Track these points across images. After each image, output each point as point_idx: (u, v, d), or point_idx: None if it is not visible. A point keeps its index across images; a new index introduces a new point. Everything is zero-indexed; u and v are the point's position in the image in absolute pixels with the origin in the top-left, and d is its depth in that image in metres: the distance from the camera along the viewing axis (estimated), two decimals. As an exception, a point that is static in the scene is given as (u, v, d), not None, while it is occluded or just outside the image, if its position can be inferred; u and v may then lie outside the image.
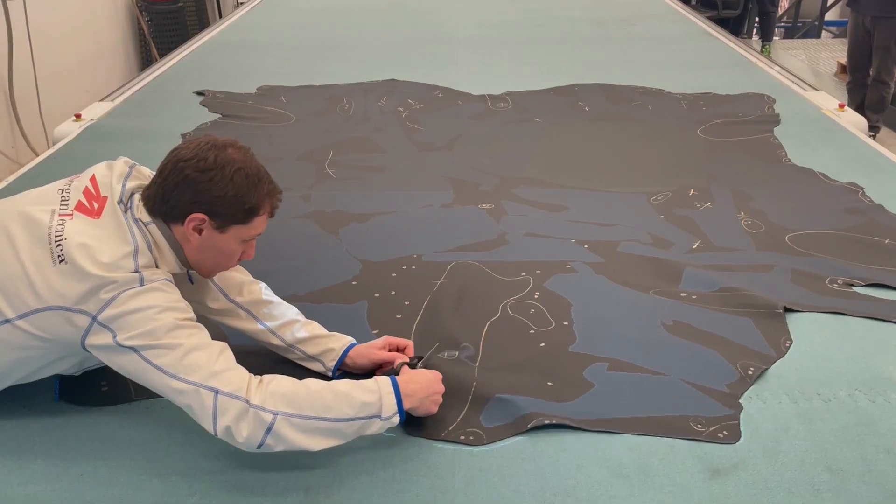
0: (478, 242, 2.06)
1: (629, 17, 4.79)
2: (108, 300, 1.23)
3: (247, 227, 1.35)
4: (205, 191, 1.29)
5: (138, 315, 1.23)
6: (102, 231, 1.28)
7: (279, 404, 1.22)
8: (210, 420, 1.21)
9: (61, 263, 1.24)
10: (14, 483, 1.28)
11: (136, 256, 1.27)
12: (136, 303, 1.23)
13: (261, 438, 1.21)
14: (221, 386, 1.22)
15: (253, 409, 1.21)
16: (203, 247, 1.34)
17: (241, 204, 1.31)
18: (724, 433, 1.36)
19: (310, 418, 1.23)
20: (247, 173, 1.31)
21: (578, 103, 3.18)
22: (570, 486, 1.27)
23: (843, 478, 1.28)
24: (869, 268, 1.91)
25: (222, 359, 1.26)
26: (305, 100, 3.26)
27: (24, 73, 4.77)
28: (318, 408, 1.24)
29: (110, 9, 6.20)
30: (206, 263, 1.39)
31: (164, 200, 1.30)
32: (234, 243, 1.36)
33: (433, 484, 1.27)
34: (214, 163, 1.29)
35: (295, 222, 2.18)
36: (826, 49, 7.86)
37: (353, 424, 1.26)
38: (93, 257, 1.24)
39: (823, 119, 2.99)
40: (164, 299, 1.26)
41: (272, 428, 1.21)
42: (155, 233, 1.32)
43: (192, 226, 1.31)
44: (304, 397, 1.24)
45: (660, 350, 1.59)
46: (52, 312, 1.24)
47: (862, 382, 1.51)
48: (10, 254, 1.27)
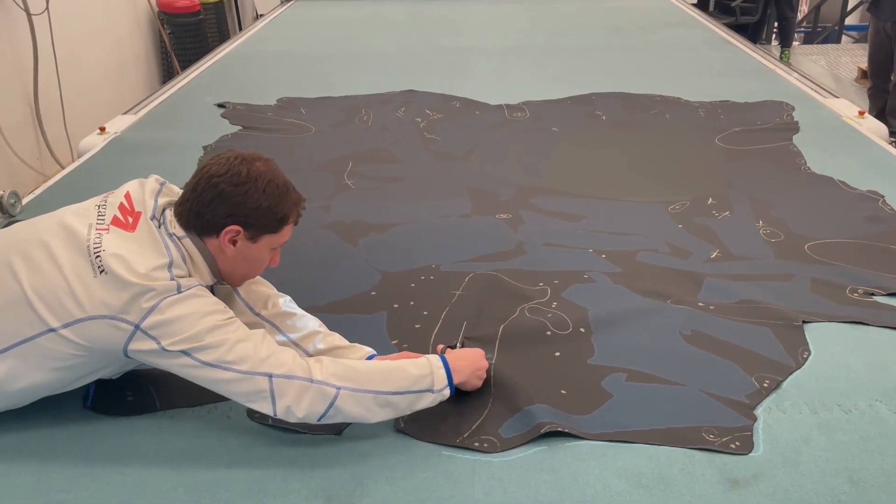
0: (496, 252, 2.08)
1: (646, 25, 4.79)
2: (150, 308, 1.28)
3: (277, 236, 1.42)
4: (240, 204, 1.35)
5: (181, 322, 1.28)
6: (138, 244, 1.33)
7: (341, 380, 1.31)
8: (269, 403, 1.29)
9: (102, 274, 1.29)
10: (43, 491, 1.31)
11: (170, 268, 1.32)
12: (178, 310, 1.29)
13: (323, 411, 1.30)
14: (273, 370, 1.30)
15: (316, 384, 1.30)
16: (237, 257, 1.40)
17: (274, 214, 1.38)
18: (736, 444, 1.36)
19: (369, 392, 1.32)
20: (276, 185, 1.38)
21: (595, 112, 3.19)
22: (588, 497, 1.27)
23: (864, 488, 1.28)
24: (890, 277, 1.90)
25: (265, 345, 1.32)
26: (324, 111, 3.30)
27: (49, 87, 4.86)
28: (376, 382, 1.33)
29: (132, 21, 6.30)
30: (237, 273, 1.45)
31: (199, 215, 1.36)
32: (265, 252, 1.43)
33: (452, 493, 1.29)
34: (247, 176, 1.35)
35: (315, 233, 2.20)
36: (846, 54, 7.80)
37: (407, 397, 1.35)
38: (130, 268, 1.29)
39: (843, 126, 2.98)
40: (202, 304, 1.32)
41: (335, 402, 1.30)
42: (189, 246, 1.37)
43: (227, 238, 1.37)
44: (363, 373, 1.34)
45: (678, 360, 1.60)
46: (95, 321, 1.29)
47: (882, 392, 1.51)
48: (51, 266, 1.32)
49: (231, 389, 1.31)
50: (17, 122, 4.60)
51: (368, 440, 1.41)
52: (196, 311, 1.30)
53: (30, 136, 4.73)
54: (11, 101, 4.56)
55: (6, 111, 4.47)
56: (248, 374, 1.29)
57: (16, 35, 4.59)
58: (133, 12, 6.32)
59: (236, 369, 1.29)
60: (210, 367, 1.29)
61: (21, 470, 1.35)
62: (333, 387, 1.30)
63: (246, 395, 1.30)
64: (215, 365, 1.29)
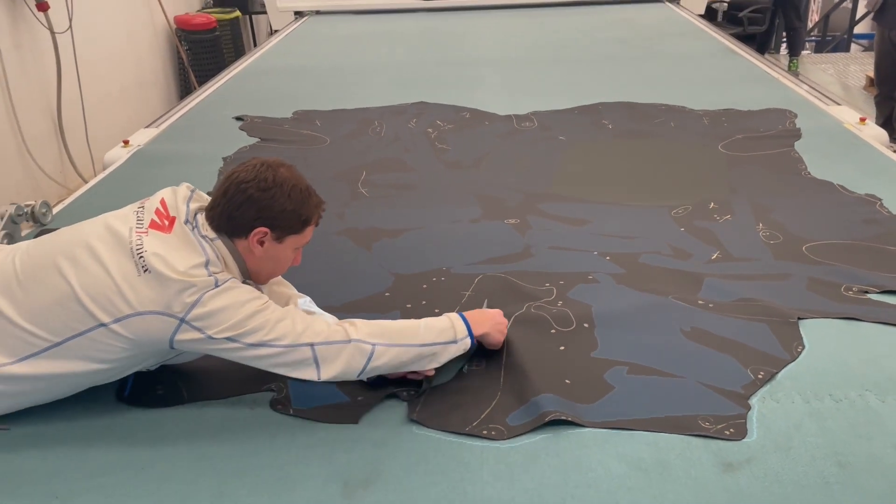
0: (504, 255, 2.16)
1: (653, 36, 4.87)
2: (193, 303, 1.40)
3: (300, 236, 1.54)
4: (267, 207, 1.47)
5: (223, 312, 1.41)
6: (175, 245, 1.44)
7: (374, 337, 1.49)
8: (314, 369, 1.46)
9: (145, 273, 1.41)
10: (81, 476, 1.40)
11: (207, 266, 1.43)
12: (219, 302, 1.41)
13: (362, 367, 1.47)
14: (313, 339, 1.45)
15: (353, 343, 1.47)
16: (264, 257, 1.52)
17: (298, 216, 1.51)
18: (730, 430, 1.44)
19: (400, 345, 1.50)
20: (300, 188, 1.50)
21: (602, 121, 3.28)
22: (590, 480, 1.35)
23: (852, 471, 1.35)
24: (884, 275, 1.97)
25: (300, 319, 1.47)
26: (339, 123, 3.40)
27: (71, 102, 5.01)
28: (406, 337, 1.52)
29: (151, 39, 6.47)
30: (264, 271, 1.57)
31: (230, 218, 1.48)
32: (290, 251, 1.55)
33: (463, 477, 1.37)
34: (273, 182, 1.47)
35: (331, 238, 2.30)
36: (855, 62, 7.85)
37: (433, 348, 1.53)
38: (171, 266, 1.40)
39: (844, 133, 3.05)
40: (239, 294, 1.44)
41: (371, 357, 1.47)
42: (220, 247, 1.48)
43: (256, 239, 1.49)
44: (393, 330, 1.52)
45: (678, 354, 1.67)
46: (143, 317, 1.40)
47: (873, 383, 1.58)
48: (97, 266, 1.43)
49: (276, 363, 1.45)
50: (41, 136, 4.75)
51: (383, 429, 1.50)
52: (235, 301, 1.42)
53: (53, 149, 4.88)
54: (36, 115, 4.71)
55: (31, 125, 4.62)
56: (291, 346, 1.43)
57: (40, 52, 4.75)
58: (152, 30, 6.49)
59: (279, 345, 1.43)
60: (255, 347, 1.43)
61: (61, 455, 1.45)
62: (369, 343, 1.47)
63: (291, 365, 1.45)
64: (260, 345, 1.42)
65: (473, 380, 1.62)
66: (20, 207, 2.35)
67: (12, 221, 2.32)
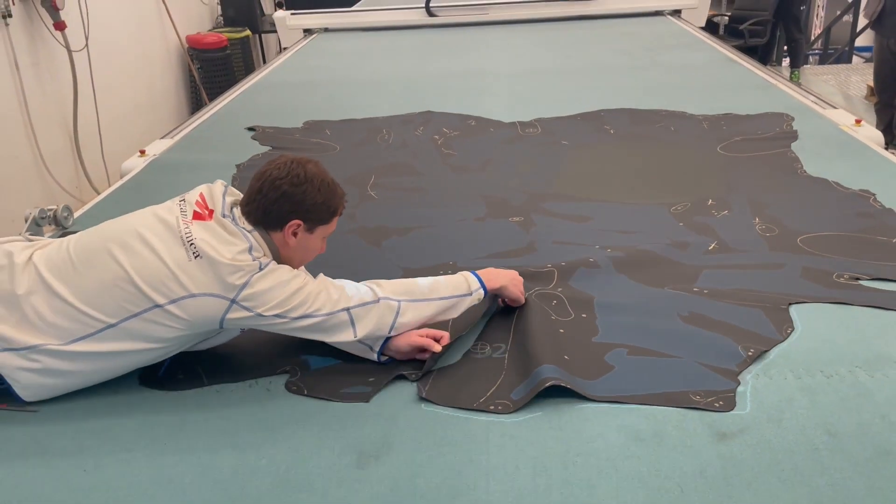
0: (509, 250, 2.24)
1: (655, 48, 4.97)
2: (242, 285, 1.53)
3: (328, 227, 1.68)
4: (301, 201, 1.59)
5: (270, 292, 1.55)
6: (218, 234, 1.57)
7: (399, 294, 1.67)
8: (350, 329, 1.61)
9: (197, 259, 1.53)
10: (106, 450, 1.49)
11: (251, 251, 1.56)
12: (265, 283, 1.54)
13: (392, 322, 1.64)
14: (348, 304, 1.61)
15: (382, 301, 1.64)
16: (297, 247, 1.65)
17: (328, 208, 1.64)
18: (720, 403, 1.51)
19: (422, 300, 1.69)
20: (327, 182, 1.64)
21: (604, 126, 3.37)
22: (591, 449, 1.42)
23: (840, 439, 1.41)
24: (876, 264, 2.04)
25: (333, 288, 1.63)
26: (348, 132, 3.50)
27: (87, 118, 5.15)
28: (426, 292, 1.70)
29: (164, 57, 6.63)
30: (295, 260, 1.69)
31: (266, 213, 1.60)
32: (319, 241, 1.69)
33: (469, 448, 1.44)
34: (305, 177, 1.59)
35: (342, 237, 2.38)
36: (856, 73, 7.94)
37: (451, 301, 1.72)
38: (220, 252, 1.53)
39: (840, 134, 3.12)
40: (281, 275, 1.57)
41: (399, 312, 1.64)
42: (258, 238, 1.60)
43: (290, 231, 1.61)
44: (415, 287, 1.70)
45: (675, 337, 1.75)
46: (197, 298, 1.53)
47: (863, 361, 1.64)
48: (150, 252, 1.54)
49: (318, 329, 1.60)
50: (58, 151, 4.88)
51: (393, 406, 1.57)
52: (279, 281, 1.56)
53: (69, 164, 5.01)
54: (53, 131, 4.85)
55: (48, 141, 4.75)
56: (331, 314, 1.59)
57: (57, 70, 4.90)
58: (165, 48, 6.65)
59: (321, 314, 1.59)
60: (300, 319, 1.57)
61: (88, 433, 1.54)
62: (395, 300, 1.65)
63: (330, 330, 1.61)
64: (304, 316, 1.57)
65: (479, 363, 1.70)
66: (43, 211, 2.45)
67: (36, 224, 2.42)
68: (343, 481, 1.38)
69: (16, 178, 4.44)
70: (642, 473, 1.35)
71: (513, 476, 1.37)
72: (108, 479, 1.41)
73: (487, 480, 1.36)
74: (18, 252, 1.63)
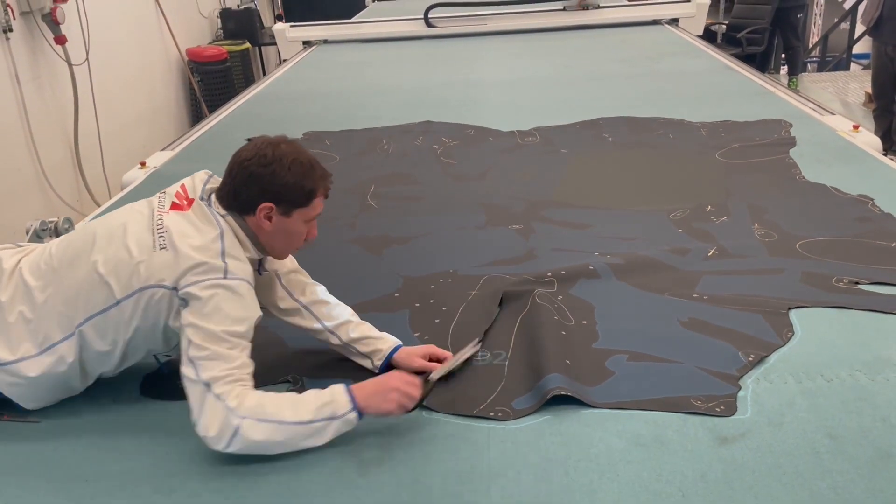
0: (508, 258, 2.25)
1: (653, 56, 4.99)
2: (194, 282, 1.45)
3: (308, 209, 1.57)
4: (269, 182, 1.50)
5: (209, 314, 1.44)
6: (192, 220, 1.52)
7: (247, 411, 1.40)
8: (197, 411, 1.42)
9: (161, 250, 1.48)
10: (108, 460, 1.49)
11: (222, 238, 1.50)
12: (215, 299, 1.44)
13: (227, 440, 1.39)
14: (215, 386, 1.40)
15: (226, 411, 1.39)
16: (274, 231, 1.56)
17: (301, 188, 1.53)
18: (721, 408, 1.51)
19: (272, 422, 1.40)
20: (300, 162, 1.53)
21: (603, 135, 3.38)
22: (592, 454, 1.42)
23: (841, 442, 1.41)
24: (875, 268, 2.05)
25: (235, 372, 1.43)
26: (348, 142, 3.52)
27: (88, 132, 5.17)
28: (283, 413, 1.41)
29: (164, 70, 6.66)
30: (277, 246, 1.61)
31: (236, 196, 1.53)
32: (300, 225, 1.59)
33: (470, 454, 1.44)
34: (272, 157, 1.50)
35: (343, 245, 2.40)
36: (854, 80, 7.97)
37: (312, 426, 1.42)
38: (186, 242, 1.48)
39: (838, 139, 3.13)
40: (235, 307, 1.46)
41: (236, 433, 1.39)
42: (232, 223, 1.54)
43: (262, 214, 1.53)
44: (270, 404, 1.42)
45: (675, 342, 1.75)
46: (150, 290, 1.47)
47: (863, 364, 1.65)
48: (122, 244, 1.52)
49: (190, 379, 1.43)
50: (59, 165, 4.90)
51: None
52: (225, 313, 1.44)
53: (70, 177, 5.03)
54: (54, 144, 4.86)
55: (49, 154, 4.77)
56: (198, 380, 1.42)
57: (58, 83, 4.92)
58: (165, 62, 6.69)
59: (203, 376, 1.41)
60: (189, 361, 1.43)
61: (90, 444, 1.54)
62: (239, 416, 1.39)
63: (187, 392, 1.44)
64: (191, 361, 1.43)
65: (479, 369, 1.70)
66: (44, 223, 2.47)
67: (37, 236, 2.43)
68: (345, 489, 1.38)
69: (17, 190, 4.46)
70: (644, 478, 1.35)
71: (514, 482, 1.37)
72: (110, 488, 1.41)
73: (489, 487, 1.36)
74: (7, 258, 1.63)
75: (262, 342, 1.81)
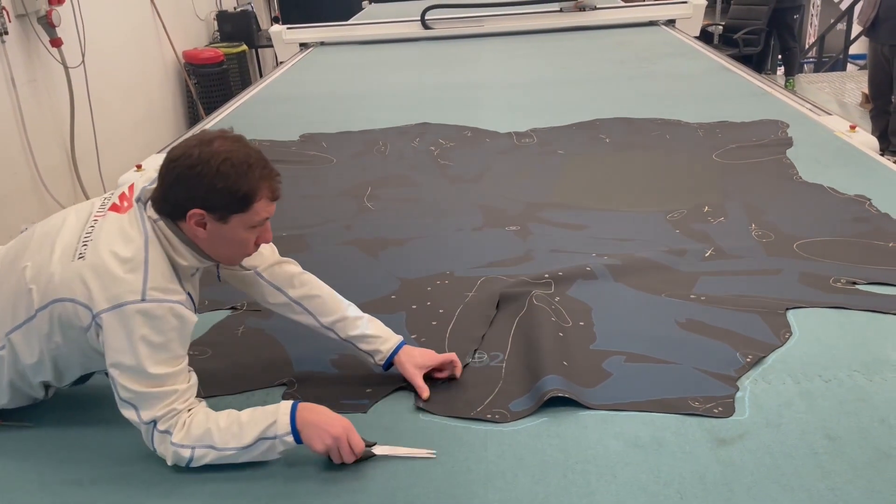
0: (505, 259, 2.24)
1: (650, 57, 4.99)
2: (106, 309, 1.33)
3: (248, 215, 1.39)
4: (195, 186, 1.33)
5: (126, 345, 1.34)
6: (124, 226, 1.39)
7: (195, 441, 1.38)
8: (149, 444, 1.40)
9: (79, 259, 1.37)
10: (102, 464, 1.47)
11: (146, 249, 1.36)
12: (132, 333, 1.33)
13: (185, 465, 1.39)
14: (159, 423, 1.38)
15: (174, 447, 1.38)
16: (212, 239, 1.41)
17: (234, 193, 1.35)
18: (719, 409, 1.50)
19: (220, 449, 1.38)
20: (234, 162, 1.33)
21: (599, 136, 3.38)
22: (590, 456, 1.42)
23: (840, 443, 1.41)
24: (873, 268, 2.04)
25: (175, 406, 1.38)
26: (344, 144, 3.51)
27: (84, 135, 5.16)
28: (227, 440, 1.38)
29: (161, 73, 6.65)
30: (223, 253, 1.47)
31: (165, 200, 1.38)
32: (241, 231, 1.41)
33: (468, 457, 1.44)
34: (199, 158, 1.33)
35: (339, 248, 2.39)
36: (851, 81, 7.98)
37: (257, 447, 1.38)
38: (109, 252, 1.35)
39: (835, 140, 3.13)
40: (154, 335, 1.34)
41: (191, 460, 1.38)
42: (164, 229, 1.40)
43: (193, 222, 1.37)
44: (216, 431, 1.38)
45: (672, 343, 1.75)
46: (62, 303, 1.37)
47: (861, 364, 1.64)
48: (49, 248, 1.42)
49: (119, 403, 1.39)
50: (55, 168, 4.88)
51: (391, 415, 1.57)
52: (148, 345, 1.34)
53: (66, 180, 5.01)
54: (50, 148, 4.85)
55: (45, 157, 4.75)
56: (138, 418, 1.38)
57: (54, 86, 4.91)
58: (161, 64, 6.68)
59: (137, 419, 1.38)
60: (118, 378, 1.36)
61: (84, 448, 1.53)
62: (188, 447, 1.37)
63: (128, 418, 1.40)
64: (126, 402, 1.38)
65: (475, 372, 1.69)
66: (40, 226, 2.45)
67: (32, 239, 2.41)
68: (341, 492, 1.37)
69: (13, 194, 4.44)
70: (642, 480, 1.35)
71: (511, 484, 1.36)
72: (105, 493, 1.40)
73: (486, 489, 1.35)
74: None
75: (257, 344, 1.82)
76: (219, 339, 1.89)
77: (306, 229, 2.52)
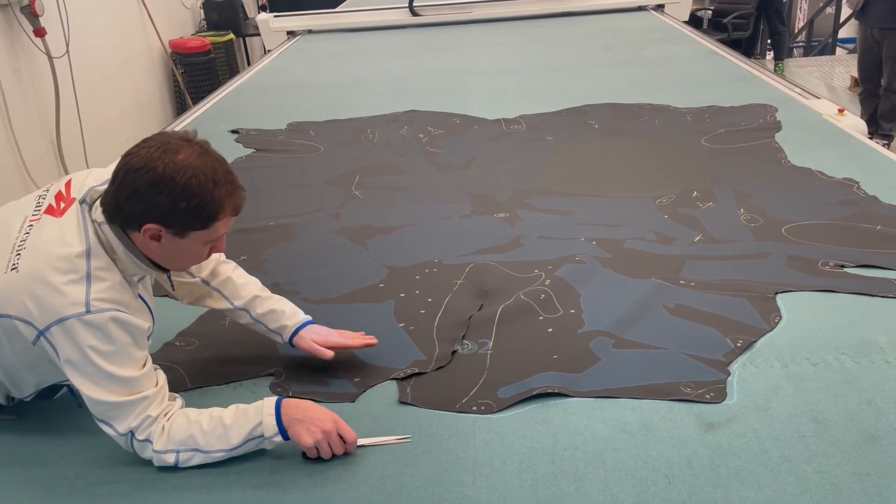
0: (494, 246, 2.23)
1: (638, 42, 4.97)
2: (51, 322, 1.26)
3: (208, 231, 1.32)
4: (156, 204, 1.25)
5: (83, 363, 1.28)
6: (62, 230, 1.31)
7: (178, 445, 1.36)
8: (137, 453, 1.38)
9: (12, 271, 1.29)
10: (90, 458, 1.46)
11: (88, 258, 1.29)
12: (84, 348, 1.27)
13: (172, 467, 1.38)
14: (137, 433, 1.35)
15: (157, 454, 1.36)
16: (165, 252, 1.34)
17: (198, 213, 1.28)
18: (710, 395, 1.50)
19: (207, 452, 1.37)
20: (200, 180, 1.25)
21: (588, 122, 3.36)
22: (578, 442, 1.41)
23: (827, 426, 1.41)
24: (860, 251, 2.04)
25: (150, 413, 1.35)
26: (332, 132, 3.49)
27: (70, 125, 5.11)
28: (213, 443, 1.37)
29: (147, 62, 6.59)
30: (175, 264, 1.42)
31: (119, 209, 1.28)
32: (198, 245, 1.35)
33: (456, 444, 1.43)
34: (162, 174, 1.23)
35: (326, 237, 2.37)
36: (840, 64, 7.98)
37: (245, 447, 1.38)
38: (45, 260, 1.28)
39: (823, 123, 3.13)
40: (107, 347, 1.29)
41: (177, 464, 1.37)
42: (109, 235, 1.31)
43: (147, 235, 1.29)
44: (199, 434, 1.36)
45: (661, 328, 1.74)
46: (3, 319, 1.31)
47: (849, 347, 1.64)
48: None
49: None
50: (41, 159, 4.84)
51: (379, 404, 1.56)
52: (104, 358, 1.29)
53: (52, 171, 4.97)
54: (35, 138, 4.81)
55: (30, 148, 4.71)
56: (113, 427, 1.34)
57: (38, 77, 4.86)
58: (147, 54, 6.61)
59: (115, 433, 1.35)
60: (89, 391, 1.31)
61: (71, 441, 1.51)
62: (172, 452, 1.36)
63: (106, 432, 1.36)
64: (100, 418, 1.35)
65: (459, 363, 1.68)
66: (24, 218, 2.42)
67: (17, 231, 2.39)
68: (329, 481, 1.36)
69: (-2, 186, 4.41)
70: (630, 465, 1.35)
71: (499, 471, 1.36)
72: (91, 486, 1.39)
73: (474, 476, 1.35)
74: None
75: (244, 335, 1.80)
76: (205, 330, 1.88)
77: (294, 218, 2.51)
